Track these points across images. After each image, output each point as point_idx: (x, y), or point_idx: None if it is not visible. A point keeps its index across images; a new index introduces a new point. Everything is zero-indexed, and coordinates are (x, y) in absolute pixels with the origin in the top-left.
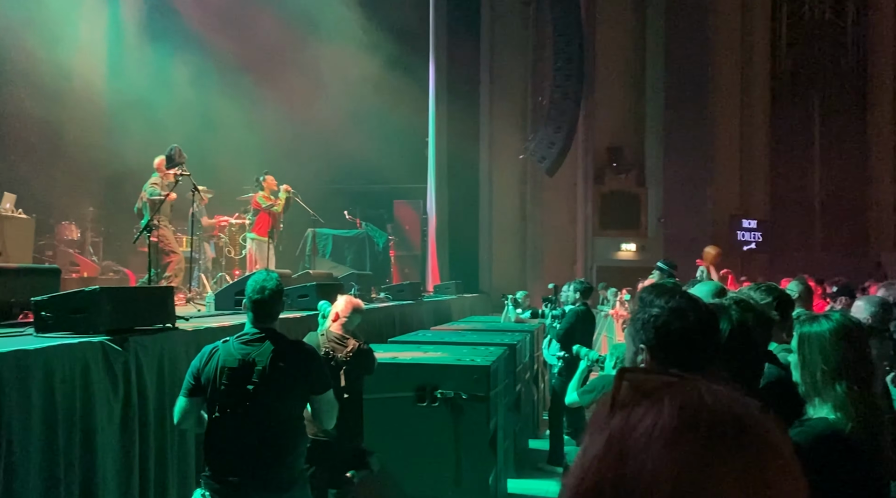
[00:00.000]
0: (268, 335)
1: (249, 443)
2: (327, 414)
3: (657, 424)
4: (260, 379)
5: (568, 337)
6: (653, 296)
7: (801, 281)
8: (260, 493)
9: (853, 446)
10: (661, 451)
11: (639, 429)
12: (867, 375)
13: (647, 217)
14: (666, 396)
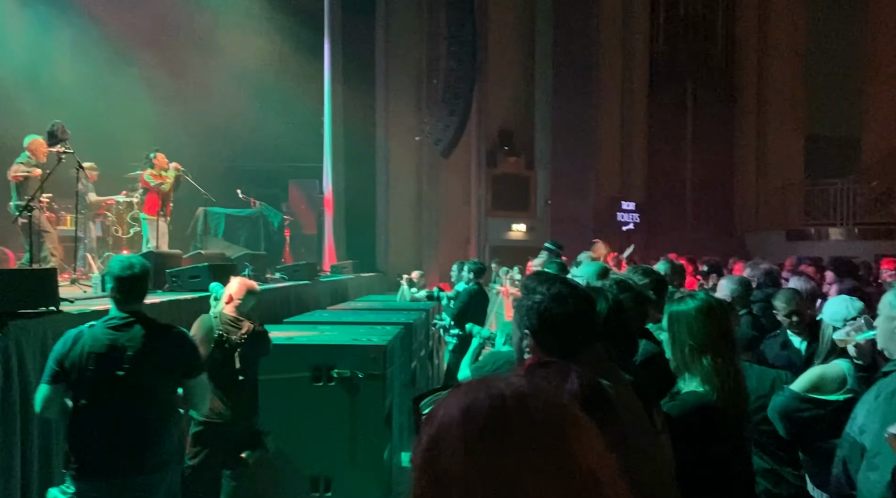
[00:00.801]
0: (137, 319)
1: (120, 429)
2: (201, 398)
3: (448, 429)
4: (131, 364)
5: (461, 315)
6: (536, 283)
7: (668, 261)
8: (131, 477)
9: (720, 416)
10: (459, 452)
11: (434, 432)
12: (730, 349)
13: (535, 199)
14: (449, 400)
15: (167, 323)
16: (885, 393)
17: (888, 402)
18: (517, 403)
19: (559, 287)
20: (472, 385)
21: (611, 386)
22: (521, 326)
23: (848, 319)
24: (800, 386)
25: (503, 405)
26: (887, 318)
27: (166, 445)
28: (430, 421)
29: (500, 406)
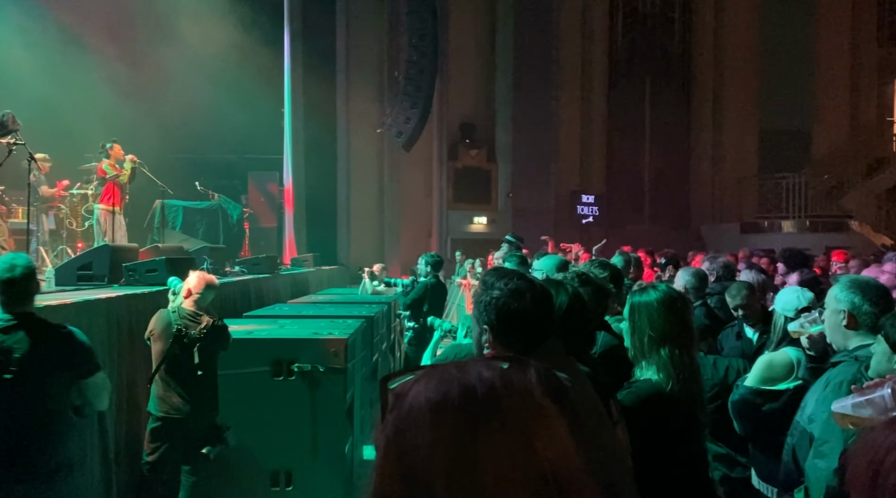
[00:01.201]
0: (24, 321)
1: (5, 435)
2: (99, 396)
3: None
4: (18, 368)
5: (414, 307)
6: (494, 279)
7: (623, 254)
8: (19, 485)
9: (674, 403)
10: (427, 434)
11: (405, 420)
12: (688, 340)
13: (497, 192)
14: (420, 384)
15: (58, 323)
16: (833, 383)
17: (836, 392)
18: (488, 393)
19: (517, 283)
20: (445, 370)
21: (568, 379)
22: (480, 321)
23: (799, 309)
24: (752, 379)
25: (474, 394)
26: (833, 311)
27: (59, 451)
28: (399, 403)
29: (472, 395)
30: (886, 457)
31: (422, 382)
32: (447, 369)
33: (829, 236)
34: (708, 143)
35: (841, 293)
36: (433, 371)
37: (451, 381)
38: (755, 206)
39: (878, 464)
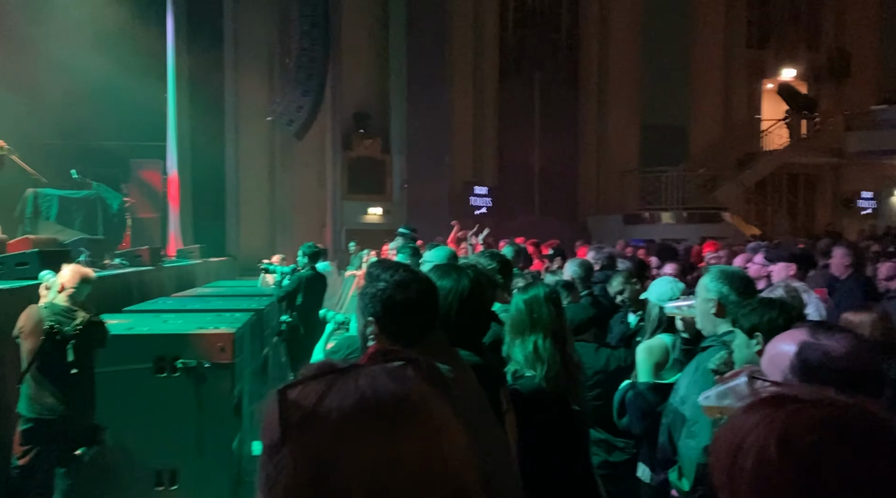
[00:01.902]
0: None
1: None
2: None
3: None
4: None
5: (289, 301)
6: (379, 270)
7: (513, 244)
8: None
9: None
10: (349, 447)
11: (325, 437)
12: (562, 335)
13: (391, 182)
14: (331, 400)
15: None
16: (703, 367)
17: (705, 375)
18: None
19: (402, 274)
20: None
21: (451, 370)
22: (365, 313)
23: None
24: (643, 374)
25: (389, 405)
26: (704, 299)
27: None
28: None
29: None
30: (744, 440)
31: (334, 397)
32: (355, 378)
33: (705, 227)
34: (593, 137)
35: (711, 283)
36: (339, 382)
37: (362, 392)
38: (637, 198)
39: (737, 447)
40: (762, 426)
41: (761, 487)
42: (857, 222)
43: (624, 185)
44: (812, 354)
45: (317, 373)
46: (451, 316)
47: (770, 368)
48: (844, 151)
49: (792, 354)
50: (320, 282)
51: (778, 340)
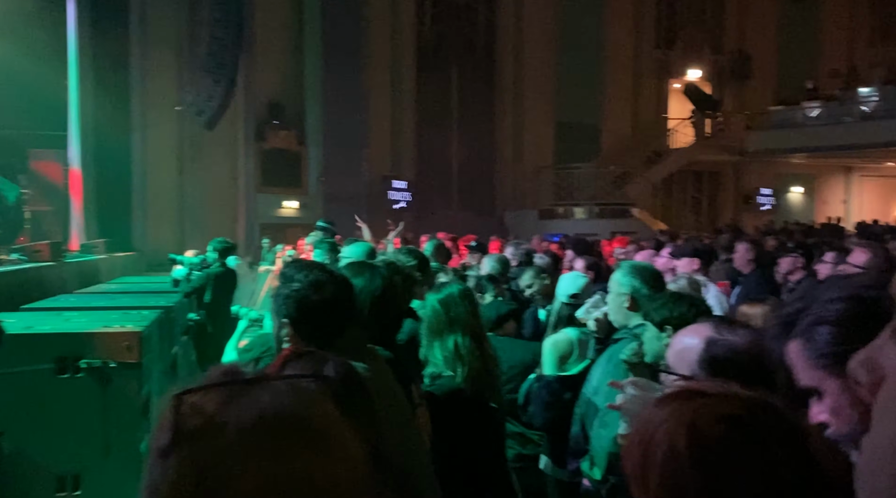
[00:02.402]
0: None
1: None
2: None
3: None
4: None
5: (197, 298)
6: (293, 271)
7: (435, 239)
8: None
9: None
10: (240, 464)
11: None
12: (479, 332)
13: (307, 175)
14: (229, 413)
15: None
16: (615, 358)
17: (618, 366)
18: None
19: (317, 274)
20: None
21: (367, 369)
22: (279, 314)
23: (570, 294)
24: (548, 367)
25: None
26: (617, 294)
27: None
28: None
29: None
30: (655, 434)
31: (233, 410)
32: (258, 393)
33: (615, 222)
34: (509, 134)
35: (623, 278)
36: (242, 394)
37: (262, 409)
38: (552, 194)
39: (648, 440)
40: (672, 420)
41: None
42: (756, 218)
43: (539, 181)
44: (718, 350)
45: (221, 380)
46: (364, 314)
47: (678, 362)
48: (745, 150)
49: (699, 350)
50: (230, 278)
51: (683, 335)
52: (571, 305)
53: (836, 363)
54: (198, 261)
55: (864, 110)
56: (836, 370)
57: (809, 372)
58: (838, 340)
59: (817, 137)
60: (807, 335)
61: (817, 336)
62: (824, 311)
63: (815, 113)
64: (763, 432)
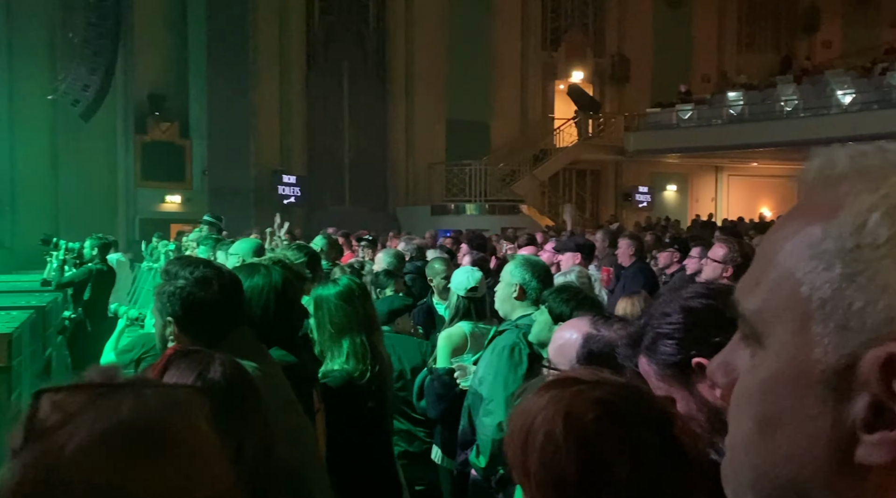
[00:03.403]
0: None
1: None
2: None
3: (80, 445)
4: None
5: (75, 294)
6: (178, 267)
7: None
8: None
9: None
10: (86, 469)
11: (65, 452)
12: (369, 329)
13: (192, 169)
14: (85, 417)
15: None
16: (498, 348)
17: (500, 356)
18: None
19: (203, 271)
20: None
21: (257, 368)
22: (164, 313)
23: (468, 288)
24: (441, 360)
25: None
26: (507, 284)
27: None
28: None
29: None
30: (535, 419)
31: (89, 414)
32: (121, 399)
33: (505, 218)
34: (401, 130)
35: (515, 270)
36: (104, 398)
37: (121, 417)
38: (443, 190)
39: (529, 426)
40: (550, 407)
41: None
42: (635, 214)
43: (431, 178)
44: (595, 345)
45: (88, 382)
46: (269, 314)
47: (558, 356)
48: (624, 149)
49: (577, 345)
50: (110, 276)
51: (563, 330)
52: (468, 298)
53: (681, 373)
54: (75, 247)
55: (731, 113)
56: (680, 379)
57: (659, 384)
58: (677, 352)
59: (689, 138)
60: (651, 350)
61: (660, 350)
62: (661, 325)
63: (687, 115)
64: (631, 416)
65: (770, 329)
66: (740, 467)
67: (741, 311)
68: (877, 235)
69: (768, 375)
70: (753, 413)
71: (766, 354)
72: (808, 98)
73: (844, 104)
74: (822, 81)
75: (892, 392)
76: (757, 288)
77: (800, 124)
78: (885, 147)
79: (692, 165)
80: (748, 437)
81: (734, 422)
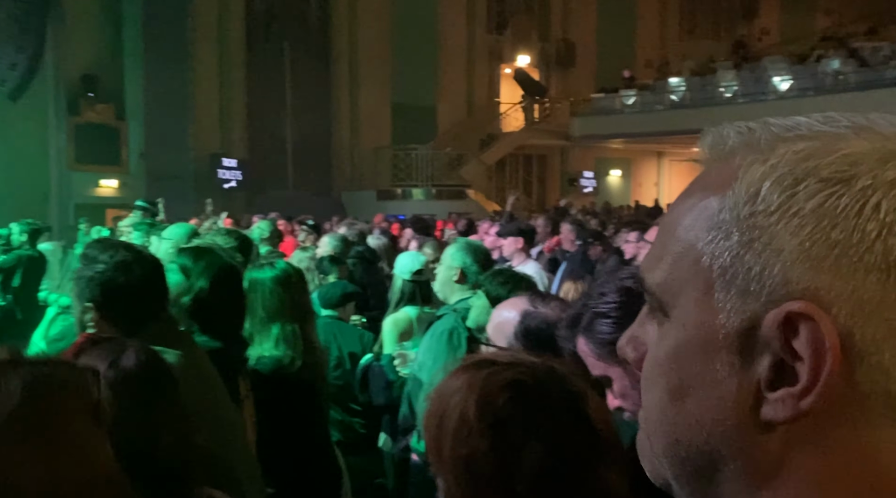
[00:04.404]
0: None
1: None
2: None
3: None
4: None
5: (4, 281)
6: (97, 251)
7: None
8: None
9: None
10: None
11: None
12: (302, 315)
13: (128, 152)
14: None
15: None
16: (436, 333)
17: (439, 340)
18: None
19: (123, 254)
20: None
21: (180, 355)
22: (82, 298)
23: (413, 271)
24: (387, 345)
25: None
26: (448, 267)
27: None
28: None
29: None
30: (448, 403)
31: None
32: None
33: (452, 203)
34: (346, 113)
35: (456, 253)
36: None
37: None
38: (390, 174)
39: (443, 410)
40: (464, 389)
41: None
42: (580, 199)
43: (377, 162)
44: (532, 322)
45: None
46: (209, 299)
47: (496, 334)
48: (570, 135)
49: (515, 322)
50: (41, 263)
51: (502, 308)
52: (413, 282)
53: (616, 352)
54: (3, 233)
55: (673, 99)
56: (616, 359)
57: (596, 363)
58: (614, 331)
59: (633, 124)
60: (588, 330)
61: (597, 329)
62: (599, 306)
63: (631, 100)
64: (543, 395)
65: (675, 301)
66: (655, 437)
67: (647, 286)
68: (770, 202)
69: (675, 345)
70: (664, 383)
71: (672, 324)
72: (747, 84)
73: (781, 90)
74: (760, 68)
75: (792, 350)
76: (660, 262)
77: (739, 110)
78: (770, 121)
79: (636, 151)
80: (660, 406)
81: (647, 394)
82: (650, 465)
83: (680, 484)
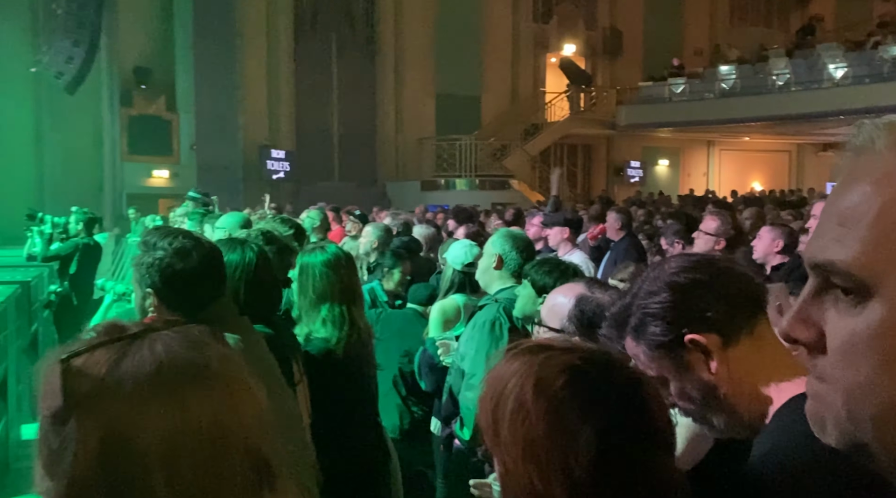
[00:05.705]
0: None
1: None
2: None
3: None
4: None
5: (62, 267)
6: (156, 238)
7: (321, 210)
8: None
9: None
10: (148, 412)
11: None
12: (351, 298)
13: (179, 143)
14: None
15: None
16: (479, 323)
17: (481, 330)
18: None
19: (182, 241)
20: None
21: (239, 340)
22: (143, 284)
23: (465, 263)
24: (434, 330)
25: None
26: (488, 254)
27: None
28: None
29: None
30: (505, 387)
31: (128, 364)
32: (150, 344)
33: (496, 194)
34: (391, 105)
35: (497, 240)
36: (133, 348)
37: (159, 359)
38: (433, 165)
39: (500, 392)
40: (521, 373)
41: (519, 425)
42: (626, 189)
43: (421, 152)
44: (586, 306)
45: (106, 339)
46: (241, 292)
47: (550, 316)
48: (616, 124)
49: (570, 305)
50: (97, 251)
51: (557, 292)
52: (464, 272)
53: (671, 351)
54: (61, 222)
55: (723, 87)
56: (671, 358)
57: (650, 364)
58: (667, 331)
59: (681, 112)
60: (639, 332)
61: (649, 331)
62: (649, 306)
63: (679, 89)
64: (600, 380)
65: (881, 279)
66: (862, 406)
67: (835, 267)
68: None
69: (889, 320)
70: (876, 357)
71: (880, 301)
72: (799, 72)
73: (836, 78)
74: (813, 55)
75: None
76: (849, 244)
77: (791, 98)
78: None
79: (684, 140)
80: (870, 379)
81: (846, 369)
82: (839, 433)
83: (887, 448)
